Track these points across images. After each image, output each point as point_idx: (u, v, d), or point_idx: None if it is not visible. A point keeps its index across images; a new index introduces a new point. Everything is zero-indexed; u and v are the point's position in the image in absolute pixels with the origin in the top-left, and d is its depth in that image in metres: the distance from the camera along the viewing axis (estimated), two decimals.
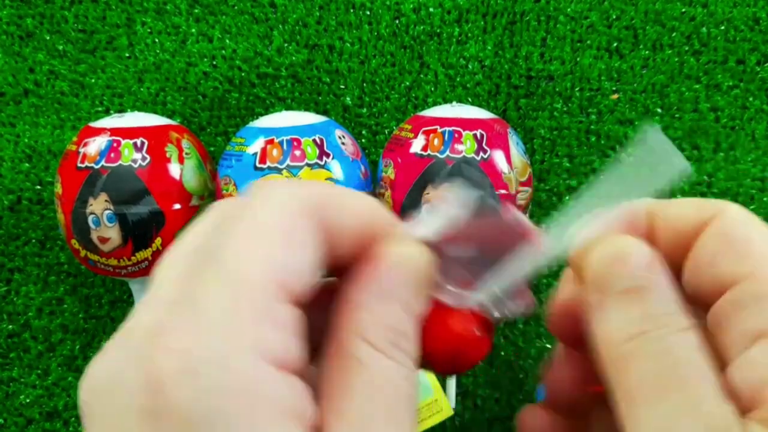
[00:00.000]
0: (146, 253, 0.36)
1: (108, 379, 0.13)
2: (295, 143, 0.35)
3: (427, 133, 0.36)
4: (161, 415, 0.12)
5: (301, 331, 0.15)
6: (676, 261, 0.17)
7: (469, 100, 0.43)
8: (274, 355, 0.13)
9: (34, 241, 0.44)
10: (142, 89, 0.44)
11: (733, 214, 0.17)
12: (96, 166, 0.35)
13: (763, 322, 0.15)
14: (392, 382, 0.15)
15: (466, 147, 0.35)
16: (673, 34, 0.43)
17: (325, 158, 0.35)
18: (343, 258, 0.17)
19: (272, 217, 0.15)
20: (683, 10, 0.42)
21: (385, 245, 0.17)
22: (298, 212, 0.15)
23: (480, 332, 0.18)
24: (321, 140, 0.36)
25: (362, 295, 0.16)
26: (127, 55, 0.44)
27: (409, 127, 0.37)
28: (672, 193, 0.42)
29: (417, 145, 0.36)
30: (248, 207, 0.15)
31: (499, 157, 0.35)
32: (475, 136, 0.35)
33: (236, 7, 0.44)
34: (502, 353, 0.42)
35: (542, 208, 0.42)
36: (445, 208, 0.18)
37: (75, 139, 0.37)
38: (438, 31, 0.43)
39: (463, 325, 0.18)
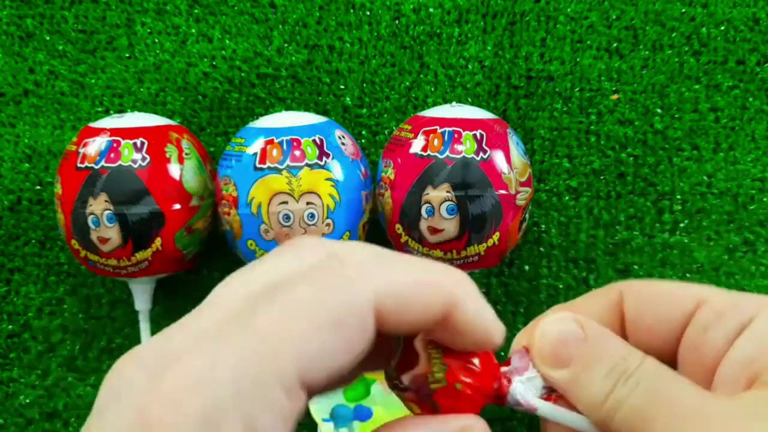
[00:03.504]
0: (146, 254, 0.36)
1: (116, 391, 0.14)
2: (295, 143, 0.35)
3: (426, 133, 0.36)
4: None
5: (295, 419, 0.14)
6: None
7: (469, 100, 0.43)
8: None
9: (34, 241, 0.44)
10: (142, 89, 0.44)
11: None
12: (96, 167, 0.35)
13: (736, 326, 0.17)
14: None
15: (465, 147, 0.35)
16: (673, 34, 0.43)
17: (324, 158, 0.35)
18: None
19: (328, 303, 0.14)
20: (683, 10, 0.42)
21: (459, 419, 0.17)
22: (354, 311, 0.14)
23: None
24: (321, 140, 0.36)
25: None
26: (127, 55, 0.44)
27: (409, 127, 0.37)
28: (673, 193, 0.42)
29: (417, 146, 0.36)
30: (315, 273, 0.15)
31: (499, 157, 0.35)
32: (474, 136, 0.36)
33: (236, 8, 0.44)
34: (502, 353, 0.42)
35: (542, 208, 0.42)
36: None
37: (75, 139, 0.37)
38: (438, 31, 0.43)
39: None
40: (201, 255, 0.40)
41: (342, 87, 0.44)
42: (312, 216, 0.35)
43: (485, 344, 0.17)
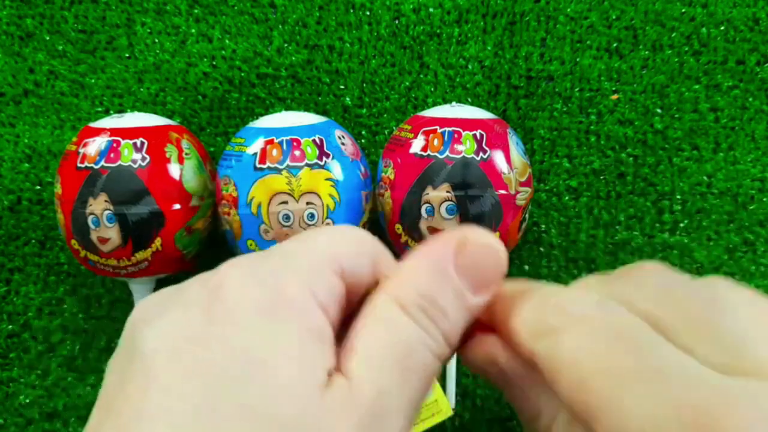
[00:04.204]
0: (146, 254, 0.36)
1: (175, 290, 0.18)
2: (295, 143, 0.35)
3: (426, 133, 0.36)
4: (215, 300, 0.16)
5: (341, 301, 0.17)
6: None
7: (469, 100, 0.43)
8: (318, 297, 0.16)
9: (34, 241, 0.44)
10: (142, 89, 0.44)
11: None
12: (96, 167, 0.35)
13: None
14: (409, 344, 0.16)
15: (465, 147, 0.35)
16: (673, 34, 0.43)
17: (324, 158, 0.35)
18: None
19: (353, 230, 0.19)
20: (683, 10, 0.42)
21: (456, 231, 0.18)
22: (359, 233, 0.19)
23: None
24: (321, 140, 0.36)
25: (415, 264, 0.17)
26: (127, 55, 0.44)
27: (409, 127, 0.37)
28: (673, 193, 0.42)
29: (417, 146, 0.36)
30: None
31: (499, 157, 0.35)
32: (474, 136, 0.35)
33: (236, 8, 0.44)
34: None
35: (542, 208, 0.42)
36: None
37: (75, 139, 0.37)
38: (438, 31, 0.43)
39: None
40: (201, 255, 0.40)
41: (342, 87, 0.44)
42: (312, 216, 0.35)
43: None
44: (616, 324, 0.16)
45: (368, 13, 0.44)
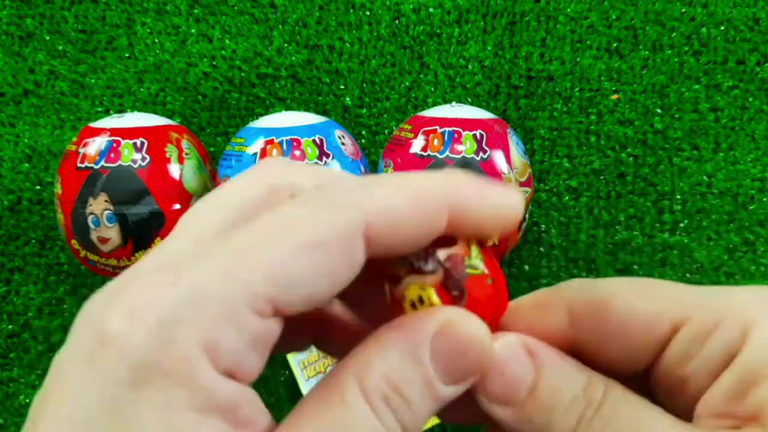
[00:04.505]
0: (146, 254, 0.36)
1: (85, 316, 0.14)
2: (295, 143, 0.35)
3: (426, 133, 0.36)
4: (98, 363, 0.13)
5: (269, 345, 0.14)
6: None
7: (469, 100, 0.43)
8: (222, 359, 0.13)
9: (34, 241, 0.44)
10: (142, 89, 0.44)
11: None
12: (96, 167, 0.35)
13: (721, 357, 0.15)
14: None
15: (465, 147, 0.35)
16: (673, 34, 0.43)
17: (324, 158, 0.35)
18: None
19: (308, 224, 0.14)
20: (683, 10, 0.42)
21: (441, 312, 0.15)
22: (337, 233, 0.14)
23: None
24: (321, 140, 0.36)
25: (388, 342, 0.15)
26: (127, 55, 0.44)
27: (409, 127, 0.37)
28: (673, 193, 0.42)
29: (417, 146, 0.36)
30: (295, 203, 0.14)
31: (498, 157, 0.35)
32: (474, 136, 0.35)
33: (236, 8, 0.44)
34: None
35: (542, 208, 0.42)
36: None
37: (75, 139, 0.37)
38: (438, 31, 0.43)
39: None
40: None
41: (342, 87, 0.44)
42: None
43: (504, 223, 0.16)
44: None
45: (368, 13, 0.44)
